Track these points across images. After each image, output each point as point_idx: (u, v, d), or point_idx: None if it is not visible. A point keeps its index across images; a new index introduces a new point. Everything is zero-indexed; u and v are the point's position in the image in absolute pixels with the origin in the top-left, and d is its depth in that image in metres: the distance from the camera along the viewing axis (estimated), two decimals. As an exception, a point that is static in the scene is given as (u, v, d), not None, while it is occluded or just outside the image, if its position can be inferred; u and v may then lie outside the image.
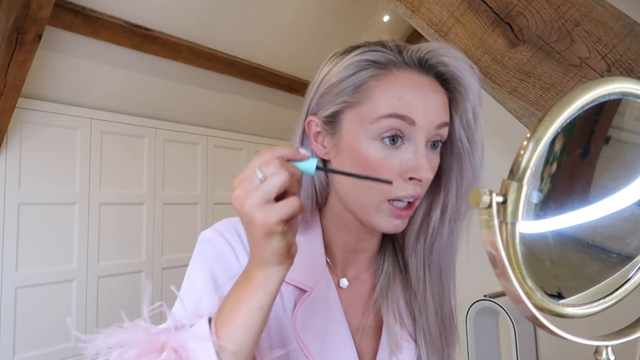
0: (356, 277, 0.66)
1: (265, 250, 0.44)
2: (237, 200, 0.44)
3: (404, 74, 0.55)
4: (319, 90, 0.60)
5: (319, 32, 3.20)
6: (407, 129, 0.54)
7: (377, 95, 0.54)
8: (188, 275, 0.59)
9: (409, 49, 0.56)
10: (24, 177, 2.48)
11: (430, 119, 0.54)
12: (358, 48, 0.59)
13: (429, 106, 0.54)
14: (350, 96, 0.56)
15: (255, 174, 0.43)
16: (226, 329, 0.45)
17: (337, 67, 0.58)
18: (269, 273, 0.46)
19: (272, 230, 0.42)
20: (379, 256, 0.69)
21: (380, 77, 0.55)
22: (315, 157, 0.49)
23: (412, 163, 0.54)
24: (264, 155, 0.45)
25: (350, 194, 0.58)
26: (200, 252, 0.60)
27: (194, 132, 3.38)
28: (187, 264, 0.60)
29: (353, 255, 0.66)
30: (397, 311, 0.65)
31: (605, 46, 0.80)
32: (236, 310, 0.46)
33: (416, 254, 0.65)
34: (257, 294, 0.45)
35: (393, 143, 0.54)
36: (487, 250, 0.30)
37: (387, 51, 0.56)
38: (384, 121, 0.53)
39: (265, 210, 0.42)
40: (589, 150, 0.34)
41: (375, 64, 0.56)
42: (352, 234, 0.64)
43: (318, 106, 0.60)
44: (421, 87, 0.54)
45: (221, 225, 0.62)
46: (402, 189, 0.55)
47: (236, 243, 0.59)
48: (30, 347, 2.49)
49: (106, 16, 2.32)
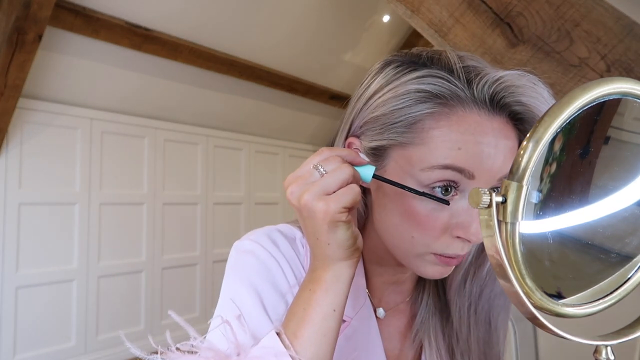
0: (393, 308, 0.62)
1: (330, 245, 0.41)
2: (293, 195, 0.42)
3: (470, 116, 0.44)
4: (364, 110, 0.50)
5: (319, 32, 3.20)
6: (464, 182, 0.45)
7: (434, 140, 0.44)
8: (229, 289, 0.52)
9: (481, 79, 0.45)
10: (24, 177, 2.49)
11: (493, 173, 0.45)
12: (417, 67, 0.48)
13: (495, 157, 0.44)
14: (400, 134, 0.46)
15: (317, 169, 0.41)
16: (300, 340, 0.42)
17: (390, 88, 0.47)
18: (337, 270, 0.43)
19: (335, 219, 0.40)
20: (418, 286, 0.64)
21: (440, 116, 0.45)
22: (373, 165, 0.45)
23: (463, 220, 0.45)
24: (324, 153, 0.43)
25: (392, 239, 0.51)
26: (240, 264, 0.53)
27: (194, 132, 3.38)
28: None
29: (392, 286, 0.61)
30: (435, 345, 0.60)
31: (604, 46, 0.80)
32: (307, 317, 0.42)
33: (461, 296, 0.59)
34: (328, 296, 0.42)
35: (445, 194, 0.45)
36: (487, 250, 0.31)
37: (454, 80, 0.45)
38: (437, 172, 0.44)
39: (325, 199, 0.40)
40: (589, 150, 0.34)
41: (436, 97, 0.45)
42: (391, 267, 0.58)
43: (361, 130, 0.51)
44: (488, 133, 0.44)
45: (257, 235, 0.55)
46: (447, 247, 0.47)
47: (276, 252, 0.54)
48: (30, 346, 2.49)
49: (106, 16, 2.32)
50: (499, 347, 0.61)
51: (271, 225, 0.58)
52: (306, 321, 0.42)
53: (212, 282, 3.48)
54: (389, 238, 0.51)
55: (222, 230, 3.59)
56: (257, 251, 0.53)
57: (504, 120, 0.46)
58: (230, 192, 3.69)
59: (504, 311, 0.61)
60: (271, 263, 0.53)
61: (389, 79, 0.48)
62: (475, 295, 0.59)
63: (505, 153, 0.45)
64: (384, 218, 0.50)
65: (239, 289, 0.51)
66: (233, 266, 0.54)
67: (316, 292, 0.43)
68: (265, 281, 0.51)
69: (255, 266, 0.52)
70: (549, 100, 0.46)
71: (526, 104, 0.46)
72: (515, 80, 0.45)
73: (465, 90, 0.45)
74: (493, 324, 0.60)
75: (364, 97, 0.51)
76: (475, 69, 0.46)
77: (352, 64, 3.66)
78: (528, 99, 0.45)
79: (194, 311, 3.38)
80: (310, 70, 3.49)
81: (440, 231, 0.47)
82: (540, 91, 0.46)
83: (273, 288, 0.51)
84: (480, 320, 0.60)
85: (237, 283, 0.52)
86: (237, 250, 0.55)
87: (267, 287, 0.51)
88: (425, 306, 0.62)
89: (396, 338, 0.61)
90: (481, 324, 0.60)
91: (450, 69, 0.46)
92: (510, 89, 0.45)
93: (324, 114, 4.10)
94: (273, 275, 0.52)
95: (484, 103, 0.45)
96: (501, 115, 0.46)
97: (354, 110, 0.52)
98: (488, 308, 0.60)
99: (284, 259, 0.53)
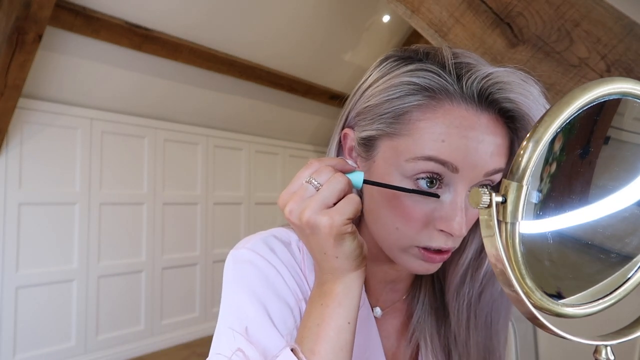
0: (390, 307, 0.62)
1: (339, 258, 0.41)
2: (293, 214, 0.41)
3: (457, 110, 0.44)
4: (359, 101, 0.51)
5: (319, 32, 3.20)
6: (448, 175, 0.45)
7: (419, 131, 0.45)
8: (231, 301, 0.51)
9: (471, 75, 0.45)
10: (24, 177, 2.49)
11: (478, 168, 0.45)
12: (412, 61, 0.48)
13: (481, 152, 0.44)
14: (388, 125, 0.47)
15: (310, 183, 0.41)
16: (318, 356, 0.41)
17: (384, 80, 0.48)
18: (348, 282, 0.42)
19: (341, 231, 0.40)
20: (414, 284, 0.63)
21: (426, 109, 0.45)
22: (361, 171, 0.46)
23: (445, 213, 0.45)
24: (314, 165, 0.42)
25: (379, 232, 0.51)
26: (240, 274, 0.52)
27: (194, 132, 3.38)
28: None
29: (389, 285, 0.61)
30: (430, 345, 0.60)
31: (604, 46, 0.80)
32: (322, 332, 0.42)
33: (459, 298, 0.58)
34: (342, 308, 0.42)
35: (430, 186, 0.45)
36: (487, 250, 0.31)
37: (444, 75, 0.45)
38: (421, 163, 0.44)
39: (328, 213, 0.39)
40: (589, 150, 0.34)
41: (425, 90, 0.45)
42: (385, 265, 0.58)
43: (355, 120, 0.52)
44: (475, 128, 0.44)
45: (253, 243, 0.54)
46: (430, 239, 0.47)
47: (274, 259, 0.53)
48: (30, 346, 2.49)
49: (107, 16, 2.32)
50: (500, 351, 0.61)
51: (265, 231, 0.57)
52: (322, 337, 0.42)
53: (212, 282, 3.48)
54: (377, 230, 0.51)
55: (222, 230, 3.59)
56: (255, 260, 0.52)
57: (493, 117, 0.46)
58: (230, 192, 3.69)
59: (504, 315, 0.60)
60: (271, 271, 0.52)
61: (384, 72, 0.49)
62: (474, 298, 0.58)
63: (492, 149, 0.45)
64: (374, 209, 0.50)
65: (241, 300, 0.50)
66: (233, 277, 0.52)
67: (329, 306, 0.43)
68: (267, 290, 0.51)
69: (256, 276, 0.51)
70: (538, 98, 0.46)
71: (514, 100, 0.45)
72: (505, 76, 0.45)
73: (454, 85, 0.45)
74: (493, 327, 0.60)
75: (361, 89, 0.51)
76: (468, 65, 0.46)
77: (352, 64, 3.67)
78: (517, 95, 0.45)
79: (194, 311, 3.38)
80: (310, 70, 3.49)
81: (422, 223, 0.47)
82: (529, 88, 0.46)
83: (276, 297, 0.51)
84: (480, 324, 0.59)
85: (240, 294, 0.50)
86: (235, 260, 0.53)
87: (271, 296, 0.50)
88: (421, 305, 0.62)
89: (393, 336, 0.61)
90: (481, 328, 0.59)
91: (442, 64, 0.47)
92: (499, 85, 0.45)
93: (324, 114, 4.10)
94: (274, 284, 0.51)
95: (472, 98, 0.45)
96: (490, 111, 0.46)
97: (351, 102, 0.53)
98: (488, 311, 0.59)
99: (282, 265, 0.53)
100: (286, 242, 0.56)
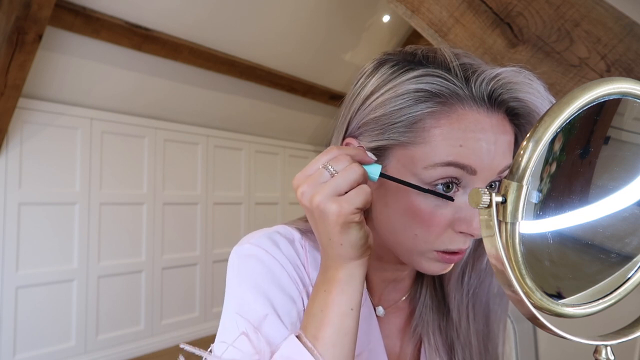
0: (392, 305, 0.62)
1: (344, 245, 0.42)
2: (304, 196, 0.42)
3: (469, 114, 0.45)
4: (361, 111, 0.50)
5: (319, 32, 3.20)
6: (465, 178, 0.45)
7: (435, 138, 0.45)
8: (236, 297, 0.51)
9: (479, 77, 0.46)
10: (24, 177, 2.49)
11: (494, 168, 0.45)
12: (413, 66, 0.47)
13: (495, 152, 0.45)
14: (400, 134, 0.46)
15: (326, 169, 0.41)
16: (322, 342, 0.42)
17: (388, 88, 0.47)
18: (351, 269, 0.43)
19: (348, 220, 0.40)
20: (416, 283, 0.64)
21: (440, 115, 0.45)
22: (379, 164, 0.46)
23: (465, 215, 0.46)
24: (333, 152, 0.43)
25: (393, 237, 0.50)
26: (244, 269, 0.52)
27: (194, 132, 3.38)
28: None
29: (391, 284, 0.61)
30: (433, 340, 0.61)
31: (604, 46, 0.80)
32: (326, 318, 0.42)
33: (460, 289, 0.60)
34: (345, 295, 0.43)
35: (446, 190, 0.46)
36: (487, 250, 0.31)
37: (452, 79, 0.45)
38: (440, 169, 0.44)
39: (338, 201, 0.40)
40: (589, 150, 0.34)
41: (436, 96, 0.45)
42: (390, 264, 0.58)
43: (359, 130, 0.50)
44: (488, 129, 0.45)
45: (257, 238, 0.54)
46: (451, 242, 0.47)
47: (278, 254, 0.53)
48: (30, 346, 2.49)
49: (106, 16, 2.32)
50: (497, 340, 0.62)
51: (269, 228, 0.57)
52: (325, 322, 0.42)
53: (212, 282, 3.48)
54: (390, 236, 0.51)
55: (222, 230, 3.59)
56: (259, 255, 0.52)
57: (502, 116, 0.47)
58: (230, 192, 3.69)
59: (501, 304, 0.61)
60: (275, 265, 0.52)
61: (385, 79, 0.48)
62: (474, 288, 0.59)
63: (504, 148, 0.46)
64: (386, 216, 0.50)
65: (246, 293, 0.50)
66: (237, 272, 0.52)
67: (332, 292, 0.43)
68: (272, 284, 0.51)
69: (260, 270, 0.51)
70: (545, 96, 0.47)
71: (523, 99, 0.46)
72: (513, 77, 0.46)
73: (464, 89, 0.45)
74: (492, 317, 0.61)
75: (360, 97, 0.50)
76: (472, 67, 0.47)
77: (352, 64, 3.66)
78: (525, 94, 0.46)
79: (194, 311, 3.38)
80: (310, 70, 3.48)
81: (443, 228, 0.47)
82: (536, 87, 0.47)
83: (281, 291, 0.51)
84: (478, 313, 0.60)
85: (244, 289, 0.50)
86: (239, 255, 0.53)
87: (276, 290, 0.50)
88: (423, 301, 0.62)
89: (396, 335, 0.61)
90: (480, 317, 0.60)
91: (447, 67, 0.47)
92: (508, 85, 0.46)
93: (324, 114, 4.10)
94: (279, 278, 0.51)
95: (482, 100, 0.45)
96: (499, 111, 0.47)
97: (350, 111, 0.52)
98: (486, 301, 0.60)
99: (286, 260, 0.53)
100: (290, 239, 0.56)
